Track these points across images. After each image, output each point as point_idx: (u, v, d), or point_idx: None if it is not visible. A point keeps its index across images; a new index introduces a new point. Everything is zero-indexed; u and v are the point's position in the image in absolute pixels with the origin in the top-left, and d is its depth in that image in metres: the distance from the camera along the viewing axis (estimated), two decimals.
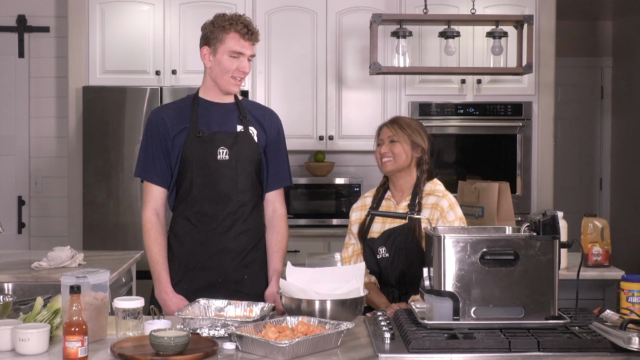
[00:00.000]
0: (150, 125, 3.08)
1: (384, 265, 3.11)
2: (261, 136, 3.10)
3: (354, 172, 5.92)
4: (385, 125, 3.22)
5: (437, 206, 3.11)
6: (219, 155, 3.02)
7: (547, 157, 5.69)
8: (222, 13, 3.07)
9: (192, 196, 3.04)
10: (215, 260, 3.04)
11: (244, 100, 3.17)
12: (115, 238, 5.25)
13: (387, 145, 3.17)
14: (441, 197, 3.13)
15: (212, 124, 3.05)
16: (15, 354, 2.32)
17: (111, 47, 5.49)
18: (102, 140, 5.29)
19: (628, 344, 2.25)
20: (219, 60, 3.02)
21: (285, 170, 3.18)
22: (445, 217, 3.08)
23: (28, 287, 3.50)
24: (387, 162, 3.16)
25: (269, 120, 3.15)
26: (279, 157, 3.16)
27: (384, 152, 3.16)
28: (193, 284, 3.03)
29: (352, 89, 5.65)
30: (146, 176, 3.07)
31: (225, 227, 3.04)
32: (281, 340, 2.28)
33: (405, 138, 3.15)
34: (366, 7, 5.52)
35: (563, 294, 2.57)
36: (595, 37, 7.78)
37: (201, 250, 3.04)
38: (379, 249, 3.12)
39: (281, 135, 3.18)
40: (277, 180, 3.15)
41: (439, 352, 2.30)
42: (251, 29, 3.03)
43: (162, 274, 3.03)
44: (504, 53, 4.88)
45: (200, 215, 3.04)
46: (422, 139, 3.16)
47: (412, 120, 3.24)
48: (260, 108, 3.22)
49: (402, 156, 3.14)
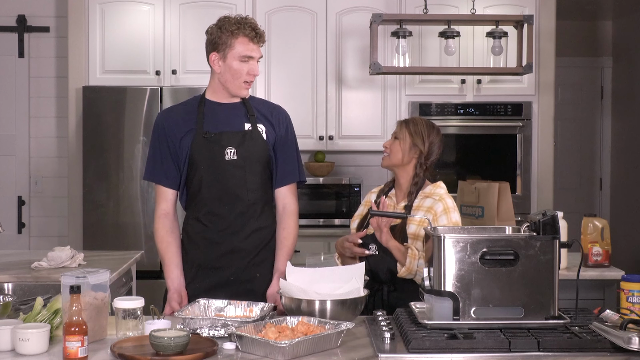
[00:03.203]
0: (157, 128, 3.09)
1: (373, 261, 3.12)
2: (270, 133, 3.09)
3: (354, 172, 5.92)
4: (400, 121, 3.26)
5: (431, 209, 3.10)
6: (226, 155, 3.02)
7: (547, 157, 5.69)
8: (226, 16, 3.06)
9: (202, 197, 3.05)
10: (227, 260, 3.05)
11: (250, 98, 3.16)
12: (115, 238, 5.24)
13: (390, 140, 3.21)
14: (437, 200, 3.11)
15: (219, 123, 3.05)
16: (15, 354, 2.32)
17: (111, 47, 5.49)
18: (102, 140, 5.29)
19: (628, 344, 2.25)
20: (229, 66, 3.01)
21: (294, 166, 3.14)
22: (436, 222, 3.06)
23: (28, 287, 3.50)
24: (384, 156, 3.22)
25: (276, 116, 3.14)
26: (288, 152, 3.13)
27: (385, 147, 3.22)
28: (205, 283, 3.04)
29: (352, 89, 5.65)
30: (155, 179, 3.09)
31: (236, 227, 3.04)
32: (281, 340, 2.28)
33: (406, 137, 3.16)
34: (366, 7, 5.53)
35: (563, 294, 2.57)
36: (595, 37, 7.78)
37: (213, 250, 3.05)
38: (370, 245, 3.13)
39: (290, 131, 3.15)
40: (286, 176, 3.13)
41: (439, 352, 2.30)
42: (258, 31, 3.03)
43: (165, 270, 3.06)
44: (504, 53, 4.88)
45: (210, 215, 3.05)
46: (423, 143, 3.15)
47: (424, 122, 3.20)
48: (268, 104, 3.21)
49: (397, 154, 3.15)
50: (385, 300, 3.09)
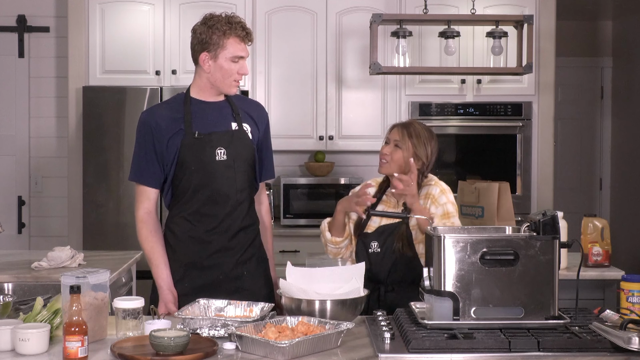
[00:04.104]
0: (143, 128, 3.06)
1: (374, 260, 3.12)
2: (254, 132, 3.13)
3: (354, 172, 5.92)
4: (398, 126, 3.21)
5: (429, 195, 3.14)
6: (217, 156, 3.02)
7: (547, 157, 5.69)
8: (212, 14, 3.03)
9: (191, 197, 3.04)
10: (216, 259, 3.06)
11: (232, 95, 3.15)
12: (115, 238, 5.24)
13: (390, 147, 3.18)
14: (433, 185, 3.17)
15: (207, 124, 3.05)
16: (15, 354, 2.32)
17: (111, 47, 5.49)
18: (102, 140, 5.29)
19: (628, 344, 2.25)
20: (220, 66, 3.01)
21: (272, 163, 3.26)
22: (437, 201, 3.10)
23: (28, 287, 3.50)
24: (384, 164, 3.19)
25: (259, 114, 3.19)
26: (268, 150, 3.22)
27: (385, 154, 3.18)
28: (194, 282, 3.04)
29: (352, 89, 5.65)
30: (140, 180, 3.07)
31: (224, 227, 3.05)
32: (281, 340, 2.28)
33: (409, 147, 3.14)
34: (366, 7, 5.52)
35: (563, 294, 2.57)
36: (595, 37, 7.78)
37: (202, 250, 3.05)
38: (372, 243, 3.13)
39: (268, 129, 3.24)
40: (265, 173, 3.22)
41: (439, 352, 2.30)
42: (248, 30, 3.04)
43: (155, 271, 3.06)
44: (504, 53, 4.88)
45: (199, 215, 3.04)
46: (426, 153, 3.16)
47: (424, 129, 3.20)
48: (250, 103, 3.25)
49: (398, 162, 3.15)
50: (382, 301, 3.10)
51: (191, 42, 3.05)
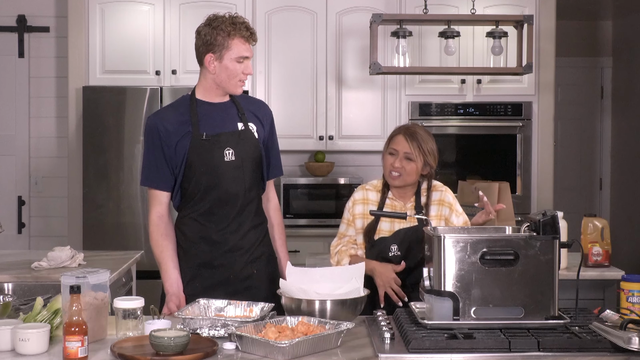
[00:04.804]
0: (151, 133, 3.05)
1: (396, 262, 3.11)
2: (260, 131, 3.13)
3: (354, 172, 5.92)
4: (403, 135, 3.16)
5: (443, 202, 3.20)
6: (225, 156, 3.03)
7: (547, 157, 5.69)
8: (216, 15, 3.03)
9: (200, 198, 3.05)
10: (227, 258, 3.06)
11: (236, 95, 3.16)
12: (115, 238, 5.24)
13: (401, 159, 3.13)
14: (444, 191, 3.23)
15: (214, 125, 3.05)
16: (15, 354, 2.32)
17: (111, 47, 5.49)
18: (102, 140, 5.29)
19: (628, 344, 2.25)
20: (225, 66, 3.01)
21: (279, 161, 3.26)
22: (455, 210, 3.21)
23: (28, 287, 3.50)
24: (397, 177, 3.15)
25: (263, 113, 3.19)
26: (274, 147, 3.22)
27: (397, 167, 3.14)
28: (205, 282, 3.05)
29: (352, 89, 5.65)
30: (151, 184, 3.07)
31: (234, 226, 3.06)
32: (281, 340, 2.28)
33: (420, 158, 3.14)
34: (366, 7, 5.53)
35: (563, 294, 2.57)
36: (595, 37, 7.78)
37: (212, 249, 3.06)
38: (391, 246, 3.13)
39: (273, 126, 3.23)
40: (273, 171, 3.22)
41: (439, 352, 2.30)
42: (252, 31, 3.05)
43: (163, 275, 3.05)
44: (504, 53, 4.88)
45: (209, 215, 3.05)
46: (434, 160, 3.18)
47: (427, 136, 3.19)
48: (254, 102, 3.25)
49: (412, 175, 3.15)
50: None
51: (195, 44, 3.06)
